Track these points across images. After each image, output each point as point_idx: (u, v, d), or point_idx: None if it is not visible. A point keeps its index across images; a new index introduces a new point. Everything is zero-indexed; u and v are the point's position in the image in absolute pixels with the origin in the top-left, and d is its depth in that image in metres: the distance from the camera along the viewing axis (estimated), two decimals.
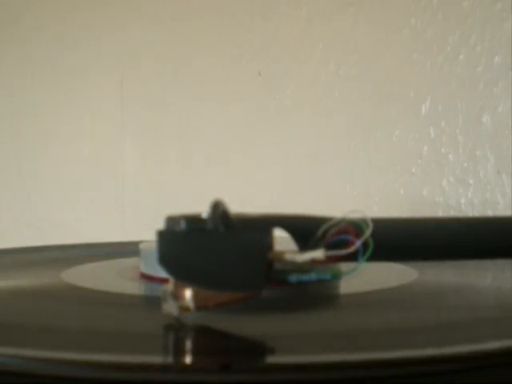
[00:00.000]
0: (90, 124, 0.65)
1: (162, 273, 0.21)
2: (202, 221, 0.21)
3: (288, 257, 0.21)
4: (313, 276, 0.21)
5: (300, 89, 0.53)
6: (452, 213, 0.46)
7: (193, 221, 0.21)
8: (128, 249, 0.36)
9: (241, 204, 0.52)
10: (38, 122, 0.68)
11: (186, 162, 0.59)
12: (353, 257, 0.21)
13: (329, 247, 0.21)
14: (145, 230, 0.29)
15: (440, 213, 0.46)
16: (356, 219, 0.21)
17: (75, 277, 0.30)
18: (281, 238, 0.21)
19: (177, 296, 0.21)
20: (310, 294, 0.26)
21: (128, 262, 0.34)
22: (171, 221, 0.21)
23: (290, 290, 0.24)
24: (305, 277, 0.21)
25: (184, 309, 0.21)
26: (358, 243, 0.21)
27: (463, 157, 0.46)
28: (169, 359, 0.19)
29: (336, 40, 0.51)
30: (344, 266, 0.21)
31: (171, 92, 0.60)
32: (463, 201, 0.46)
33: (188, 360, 0.19)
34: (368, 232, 0.21)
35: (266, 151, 0.55)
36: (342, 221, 0.21)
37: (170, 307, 0.21)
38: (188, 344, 0.20)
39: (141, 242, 0.31)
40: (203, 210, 0.21)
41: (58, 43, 0.66)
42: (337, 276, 0.21)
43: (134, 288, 0.29)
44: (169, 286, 0.21)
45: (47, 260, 0.38)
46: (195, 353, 0.19)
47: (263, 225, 0.21)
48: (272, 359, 0.19)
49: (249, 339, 0.20)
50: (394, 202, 0.48)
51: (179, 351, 0.20)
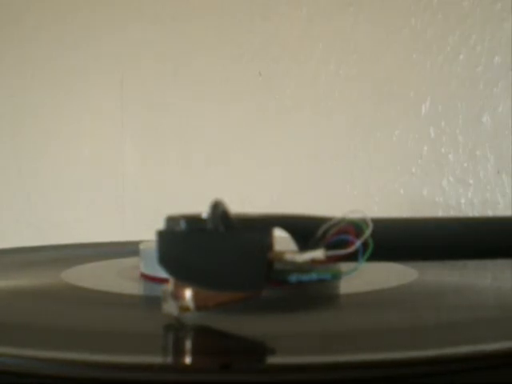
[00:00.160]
0: (90, 124, 0.65)
1: (162, 273, 0.21)
2: (202, 221, 0.21)
3: (288, 257, 0.21)
4: (313, 276, 0.21)
5: (300, 89, 0.53)
6: (452, 213, 0.46)
7: (193, 221, 0.21)
8: (128, 249, 0.36)
9: (241, 204, 0.52)
10: (38, 122, 0.68)
11: (186, 162, 0.59)
12: (353, 257, 0.21)
13: (329, 247, 0.21)
14: (145, 230, 0.29)
15: (440, 213, 0.46)
16: (356, 219, 0.21)
17: (75, 277, 0.30)
18: (281, 238, 0.21)
19: (177, 296, 0.21)
20: (310, 294, 0.26)
21: (128, 262, 0.34)
22: (171, 221, 0.21)
23: (290, 290, 0.24)
24: (305, 277, 0.21)
25: (184, 309, 0.21)
26: (358, 243, 0.21)
27: (463, 157, 0.46)
28: (169, 359, 0.19)
29: (336, 40, 0.51)
30: (344, 266, 0.21)
31: (171, 92, 0.60)
32: (463, 201, 0.46)
33: (188, 360, 0.19)
34: (368, 232, 0.21)
35: (266, 151, 0.55)
36: (342, 221, 0.21)
37: (170, 307, 0.21)
38: (188, 344, 0.20)
39: (141, 242, 0.31)
40: (203, 210, 0.21)
41: (58, 43, 0.66)
42: (337, 276, 0.21)
43: (134, 288, 0.29)
44: (169, 286, 0.21)
45: (47, 260, 0.38)
46: (195, 353, 0.19)
47: (263, 225, 0.21)
48: (272, 359, 0.19)
49: (249, 339, 0.20)
50: (394, 202, 0.48)
51: (179, 351, 0.20)
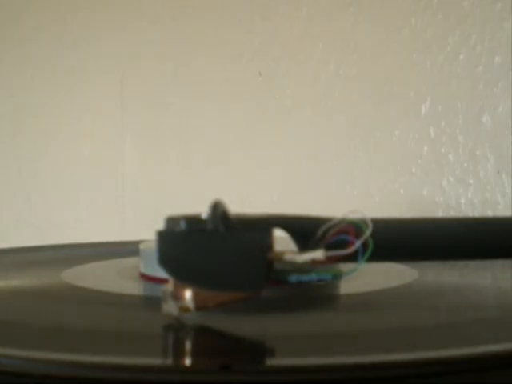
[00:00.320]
0: (90, 124, 0.65)
1: (162, 273, 0.21)
2: (202, 221, 0.21)
3: (288, 257, 0.21)
4: (313, 276, 0.21)
5: (300, 89, 0.53)
6: (452, 213, 0.46)
7: (193, 221, 0.21)
8: (128, 249, 0.36)
9: (241, 204, 0.52)
10: (38, 122, 0.68)
11: (186, 162, 0.59)
12: (353, 257, 0.21)
13: (329, 247, 0.21)
14: (145, 230, 0.29)
15: (440, 213, 0.46)
16: (356, 219, 0.21)
17: (75, 277, 0.30)
18: (281, 238, 0.21)
19: (177, 296, 0.21)
20: (310, 294, 0.26)
21: (128, 262, 0.34)
22: (171, 221, 0.21)
23: (290, 290, 0.24)
24: (305, 277, 0.21)
25: (184, 309, 0.21)
26: (358, 243, 0.21)
27: (463, 157, 0.46)
28: (169, 360, 0.19)
29: (336, 40, 0.51)
30: (344, 267, 0.21)
31: (171, 92, 0.60)
32: (463, 201, 0.46)
33: (188, 360, 0.19)
34: (368, 232, 0.21)
35: (266, 151, 0.55)
36: (342, 221, 0.21)
37: (170, 307, 0.21)
38: (188, 344, 0.20)
39: (141, 242, 0.31)
40: (203, 211, 0.21)
41: (58, 43, 0.66)
42: (337, 276, 0.21)
43: (134, 288, 0.29)
44: (169, 287, 0.21)
45: (47, 260, 0.38)
46: (195, 353, 0.19)
47: (263, 225, 0.21)
48: (272, 360, 0.19)
49: (249, 340, 0.20)
50: (394, 202, 0.48)
51: (179, 352, 0.20)
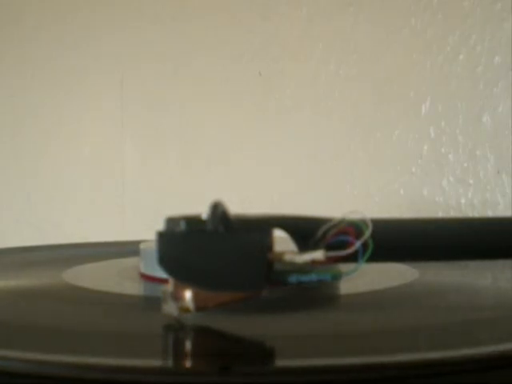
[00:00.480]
0: (90, 124, 0.65)
1: (162, 273, 0.21)
2: (202, 222, 0.21)
3: (288, 257, 0.21)
4: (313, 277, 0.21)
5: (300, 89, 0.53)
6: (452, 213, 0.46)
7: (193, 222, 0.21)
8: (128, 249, 0.36)
9: (241, 204, 0.52)
10: (38, 122, 0.68)
11: (186, 162, 0.59)
12: (353, 257, 0.21)
13: (328, 248, 0.21)
14: (145, 230, 0.29)
15: (440, 213, 0.46)
16: (356, 220, 0.21)
17: (75, 277, 0.30)
18: (281, 239, 0.21)
19: (177, 297, 0.21)
20: (310, 294, 0.26)
21: (128, 262, 0.34)
22: (171, 222, 0.21)
23: (290, 290, 0.24)
24: (305, 277, 0.21)
25: (184, 309, 0.21)
26: (358, 244, 0.21)
27: (463, 157, 0.46)
28: (168, 360, 0.19)
29: (336, 40, 0.51)
30: (344, 267, 0.21)
31: (171, 92, 0.60)
32: (463, 201, 0.46)
33: (187, 362, 0.19)
34: (368, 233, 0.21)
35: (266, 151, 0.55)
36: (342, 221, 0.21)
37: (170, 308, 0.21)
38: (187, 345, 0.20)
39: (141, 242, 0.31)
40: (203, 211, 0.21)
41: (58, 43, 0.66)
42: (337, 277, 0.21)
43: (134, 288, 0.29)
44: (169, 287, 0.21)
45: (47, 260, 0.38)
46: (195, 354, 0.19)
47: (263, 225, 0.21)
48: (272, 361, 0.19)
49: (249, 340, 0.20)
50: (394, 202, 0.48)
51: (179, 352, 0.20)
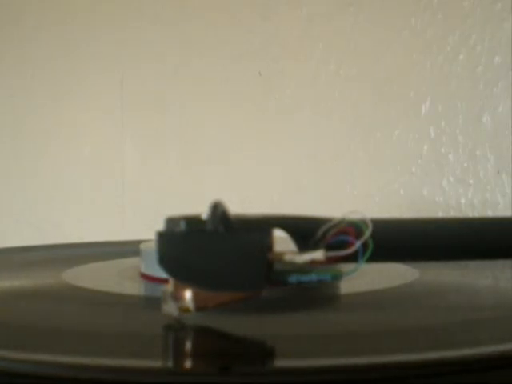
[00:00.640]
0: (90, 124, 0.65)
1: (162, 273, 0.21)
2: (202, 222, 0.21)
3: (288, 257, 0.21)
4: (313, 277, 0.21)
5: (300, 89, 0.53)
6: (452, 213, 0.46)
7: (192, 222, 0.21)
8: (128, 249, 0.36)
9: (241, 204, 0.52)
10: (38, 122, 0.68)
11: (186, 162, 0.59)
12: (353, 257, 0.21)
13: (329, 248, 0.21)
14: (145, 230, 0.29)
15: (440, 213, 0.46)
16: (356, 220, 0.21)
17: (75, 277, 0.30)
18: (281, 238, 0.21)
19: (177, 297, 0.21)
20: (310, 294, 0.26)
21: (128, 262, 0.34)
22: (171, 222, 0.21)
23: (290, 290, 0.24)
24: (304, 277, 0.21)
25: (184, 309, 0.21)
26: (358, 244, 0.21)
27: (463, 157, 0.46)
28: (168, 361, 0.19)
29: (336, 40, 0.51)
30: (344, 267, 0.21)
31: (171, 92, 0.60)
32: (463, 201, 0.46)
33: (187, 362, 0.19)
34: (368, 233, 0.21)
35: (266, 151, 0.55)
36: (342, 221, 0.21)
37: (170, 308, 0.21)
38: (188, 345, 0.20)
39: (141, 242, 0.31)
40: (203, 211, 0.21)
41: (58, 43, 0.66)
42: (337, 277, 0.21)
43: (134, 288, 0.29)
44: (169, 287, 0.21)
45: (47, 260, 0.38)
46: (195, 354, 0.19)
47: (263, 225, 0.21)
48: (272, 361, 0.19)
49: (249, 340, 0.20)
50: (394, 202, 0.48)
51: (179, 352, 0.20)
